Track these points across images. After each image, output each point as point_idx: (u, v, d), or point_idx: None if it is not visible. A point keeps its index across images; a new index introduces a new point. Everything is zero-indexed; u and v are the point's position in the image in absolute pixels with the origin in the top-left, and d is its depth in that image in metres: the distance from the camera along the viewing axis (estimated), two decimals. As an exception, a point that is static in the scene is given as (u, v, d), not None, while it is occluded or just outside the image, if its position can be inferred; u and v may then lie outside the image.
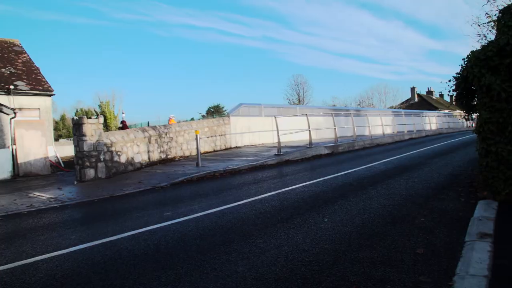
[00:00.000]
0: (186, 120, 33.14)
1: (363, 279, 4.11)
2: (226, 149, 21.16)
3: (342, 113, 30.26)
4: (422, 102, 74.33)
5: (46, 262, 5.34)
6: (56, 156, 22.21)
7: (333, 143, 20.17)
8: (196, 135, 15.41)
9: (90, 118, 14.43)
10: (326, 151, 18.65)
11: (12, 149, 18.22)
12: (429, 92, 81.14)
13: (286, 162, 15.81)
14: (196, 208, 8.20)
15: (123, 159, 15.28)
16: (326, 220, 6.51)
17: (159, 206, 8.90)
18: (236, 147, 21.63)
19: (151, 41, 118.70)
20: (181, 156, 18.35)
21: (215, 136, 20.66)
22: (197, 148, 15.35)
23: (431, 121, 41.82)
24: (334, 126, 21.16)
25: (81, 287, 4.36)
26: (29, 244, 6.33)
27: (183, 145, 18.76)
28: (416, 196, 8.13)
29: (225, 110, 63.99)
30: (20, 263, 5.36)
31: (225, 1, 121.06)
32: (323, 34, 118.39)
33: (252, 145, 22.35)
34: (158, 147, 17.27)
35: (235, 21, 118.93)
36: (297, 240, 5.53)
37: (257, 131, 22.65)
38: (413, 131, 33.90)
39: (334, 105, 62.87)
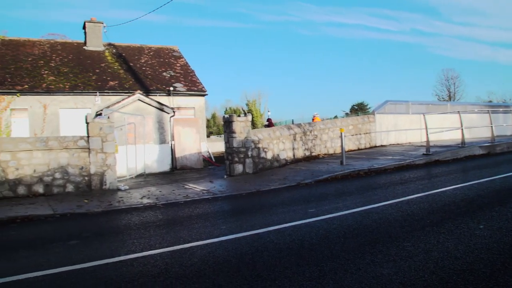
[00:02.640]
0: (330, 118, 33.08)
1: (528, 294, 3.69)
2: (370, 147, 20.63)
3: (501, 109, 27.35)
4: None
5: (200, 248, 5.77)
6: (208, 152, 23.87)
7: (489, 142, 18.38)
8: (341, 133, 15.29)
9: (239, 116, 15.21)
10: (481, 152, 17.08)
11: (171, 145, 20.06)
12: None
13: (435, 162, 14.86)
14: (341, 206, 8.14)
15: (269, 155, 15.82)
16: (481, 227, 5.96)
17: (303, 202, 9.04)
18: (381, 146, 20.96)
19: (296, 41, 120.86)
20: (325, 154, 18.38)
21: (360, 134, 20.28)
22: (341, 146, 15.24)
23: None
24: (491, 124, 19.27)
25: (231, 274, 4.62)
26: (186, 231, 6.92)
27: (327, 142, 18.76)
28: None
29: (369, 108, 62.42)
30: (178, 247, 5.88)
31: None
32: (480, 23, 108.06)
33: (398, 144, 21.45)
34: (302, 145, 17.53)
35: (382, 15, 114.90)
36: (448, 246, 5.17)
37: (403, 129, 21.69)
38: None
39: (490, 101, 57.17)
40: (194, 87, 23.63)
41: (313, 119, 25.09)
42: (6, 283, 4.81)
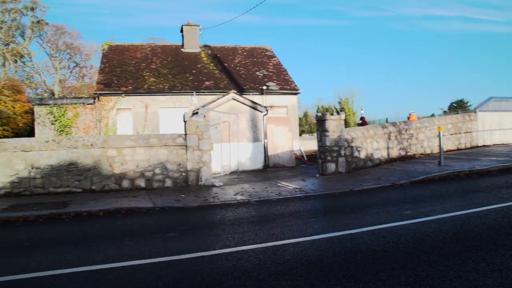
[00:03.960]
0: (427, 117, 31.56)
1: None
2: (471, 147, 19.39)
3: None
4: None
5: (292, 246, 5.82)
6: (300, 150, 23.91)
7: None
8: (439, 132, 14.55)
9: (331, 114, 15.06)
10: None
11: (264, 143, 20.37)
12: None
13: (548, 165, 13.60)
14: (438, 209, 7.76)
15: (362, 154, 15.49)
16: None
17: (398, 203, 8.75)
18: (484, 146, 19.61)
19: (391, 36, 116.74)
20: (421, 154, 17.60)
21: (459, 133, 19.15)
22: (439, 145, 14.50)
23: None
24: None
25: (323, 274, 4.61)
26: (278, 228, 7.01)
27: (424, 142, 17.95)
28: None
29: (469, 106, 58.53)
30: (271, 244, 5.98)
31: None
32: None
33: (503, 144, 19.93)
34: (397, 144, 16.94)
35: (483, 5, 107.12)
36: None
37: (509, 128, 20.11)
38: None
39: None
40: (287, 86, 23.77)
41: (408, 118, 24.13)
42: (112, 269, 5.22)
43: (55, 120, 20.54)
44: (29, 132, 33.95)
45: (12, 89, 36.74)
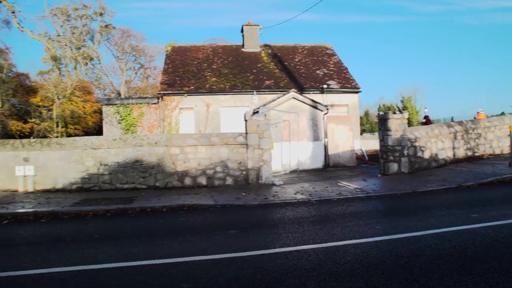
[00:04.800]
0: (496, 115, 29.97)
1: None
2: (548, 148, 18.23)
3: None
4: None
5: (353, 247, 5.75)
6: (361, 149, 23.50)
7: None
8: (510, 131, 13.80)
9: (394, 113, 14.68)
10: None
11: (324, 142, 20.20)
12: None
13: None
14: (510, 213, 7.38)
15: (426, 154, 14.99)
16: None
17: (465, 206, 8.41)
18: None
19: (456, 31, 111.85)
20: (489, 154, 16.77)
21: (534, 133, 18.05)
22: (510, 145, 13.76)
23: None
24: None
25: (385, 276, 4.52)
26: (339, 228, 6.95)
27: (493, 142, 17.09)
28: None
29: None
30: (331, 244, 5.94)
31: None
32: None
33: None
34: (464, 144, 16.24)
35: None
36: None
37: None
38: None
39: None
40: (348, 84, 23.43)
41: (476, 116, 23.07)
42: (175, 263, 5.40)
43: (122, 119, 21.43)
44: (98, 130, 35.68)
45: (83, 90, 38.78)
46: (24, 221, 9.00)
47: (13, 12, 13.25)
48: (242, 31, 27.05)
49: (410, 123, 52.62)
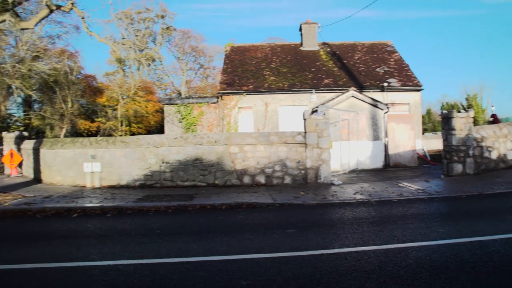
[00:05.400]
0: None
1: None
2: None
3: None
4: None
5: (415, 250, 5.62)
6: (423, 149, 22.77)
7: None
8: None
9: (458, 112, 14.12)
10: None
11: (384, 141, 19.77)
12: None
13: None
14: None
15: (493, 155, 14.31)
16: None
17: (537, 210, 7.98)
18: None
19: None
20: None
21: None
22: None
23: None
24: None
25: (449, 282, 4.39)
26: (400, 230, 6.80)
27: None
28: None
29: None
30: (392, 246, 5.83)
31: None
32: None
33: None
34: (536, 144, 15.35)
35: None
36: None
37: None
38: None
39: None
40: (409, 82, 22.77)
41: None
42: (234, 260, 5.50)
43: (182, 118, 22.00)
44: (159, 129, 36.88)
45: (145, 90, 40.21)
46: (91, 215, 9.50)
47: (82, 18, 13.88)
48: (300, 29, 26.98)
49: (475, 122, 50.34)
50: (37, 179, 16.23)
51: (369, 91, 21.64)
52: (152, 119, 39.83)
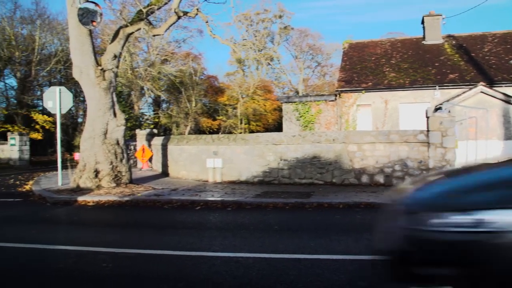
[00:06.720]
0: None
1: None
2: None
3: None
4: None
5: None
6: None
7: None
8: None
9: None
10: None
11: (518, 140, 18.10)
12: None
13: None
14: None
15: None
16: None
17: None
18: None
19: None
20: None
21: None
22: None
23: None
24: None
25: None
26: None
27: None
28: None
29: None
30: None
31: None
32: None
33: None
34: None
35: None
36: None
37: None
38: None
39: None
40: (550, 75, 20.53)
41: None
42: (352, 260, 5.52)
43: (300, 116, 22.25)
44: (277, 127, 37.67)
45: (264, 89, 41.31)
46: (213, 208, 10.08)
47: (206, 22, 14.69)
48: (422, 22, 25.63)
49: None
50: (164, 172, 17.60)
51: (501, 86, 19.88)
52: (270, 117, 40.82)
